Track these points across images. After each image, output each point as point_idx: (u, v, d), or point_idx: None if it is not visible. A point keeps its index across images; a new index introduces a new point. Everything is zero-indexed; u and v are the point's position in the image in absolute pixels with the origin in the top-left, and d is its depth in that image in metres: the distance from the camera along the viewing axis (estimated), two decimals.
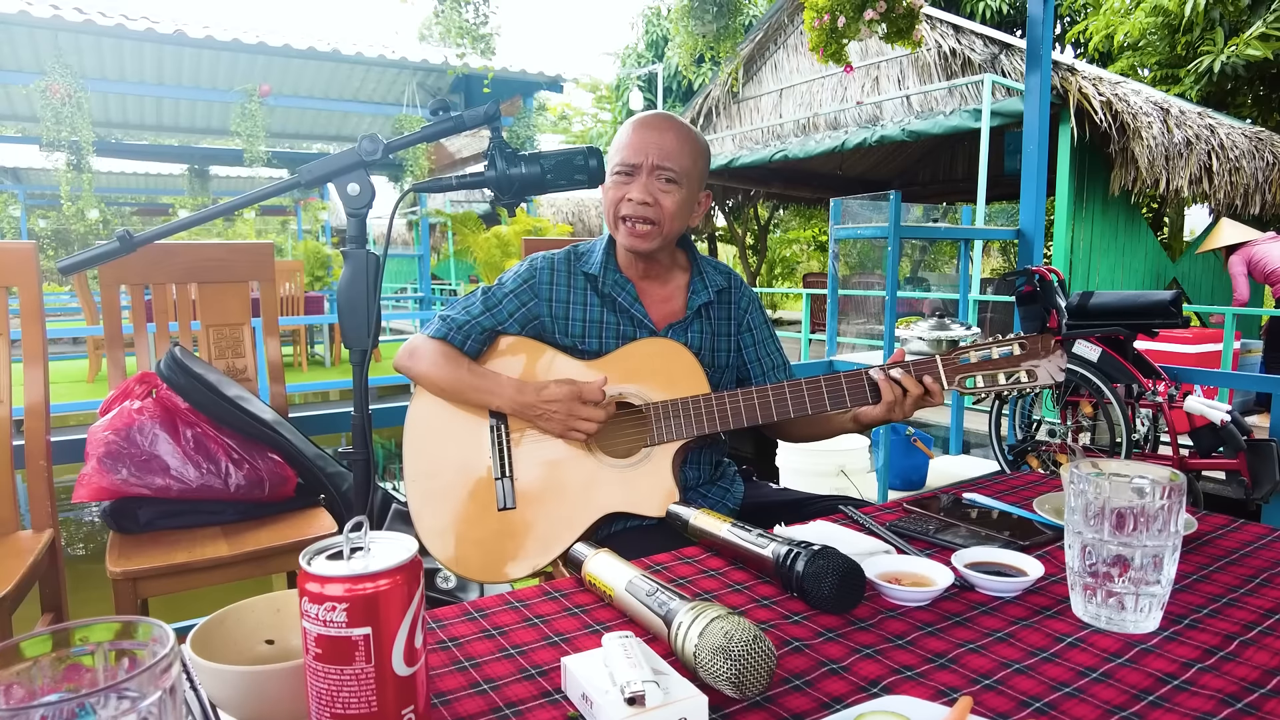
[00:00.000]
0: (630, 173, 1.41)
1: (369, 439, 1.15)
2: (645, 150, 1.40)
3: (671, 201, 1.41)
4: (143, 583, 1.66)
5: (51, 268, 16.64)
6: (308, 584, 0.47)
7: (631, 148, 1.41)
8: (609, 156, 1.45)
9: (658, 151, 1.39)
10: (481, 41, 4.69)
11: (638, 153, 1.40)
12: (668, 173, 1.40)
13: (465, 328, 1.47)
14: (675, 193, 1.41)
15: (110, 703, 0.43)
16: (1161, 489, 0.78)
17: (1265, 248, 5.48)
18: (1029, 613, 0.83)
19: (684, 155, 1.41)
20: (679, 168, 1.40)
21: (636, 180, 1.40)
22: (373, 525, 1.78)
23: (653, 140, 1.40)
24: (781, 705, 0.66)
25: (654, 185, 1.40)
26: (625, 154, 1.41)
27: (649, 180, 1.40)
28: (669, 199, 1.41)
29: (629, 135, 1.42)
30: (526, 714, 0.65)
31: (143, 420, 1.86)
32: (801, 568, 0.83)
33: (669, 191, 1.41)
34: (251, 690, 0.57)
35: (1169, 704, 0.65)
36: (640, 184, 1.40)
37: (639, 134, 1.41)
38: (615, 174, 1.43)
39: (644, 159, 1.40)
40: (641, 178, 1.40)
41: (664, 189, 1.40)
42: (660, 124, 1.43)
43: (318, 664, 0.47)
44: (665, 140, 1.40)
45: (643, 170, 1.40)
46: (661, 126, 1.42)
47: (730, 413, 1.36)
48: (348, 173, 1.17)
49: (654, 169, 1.40)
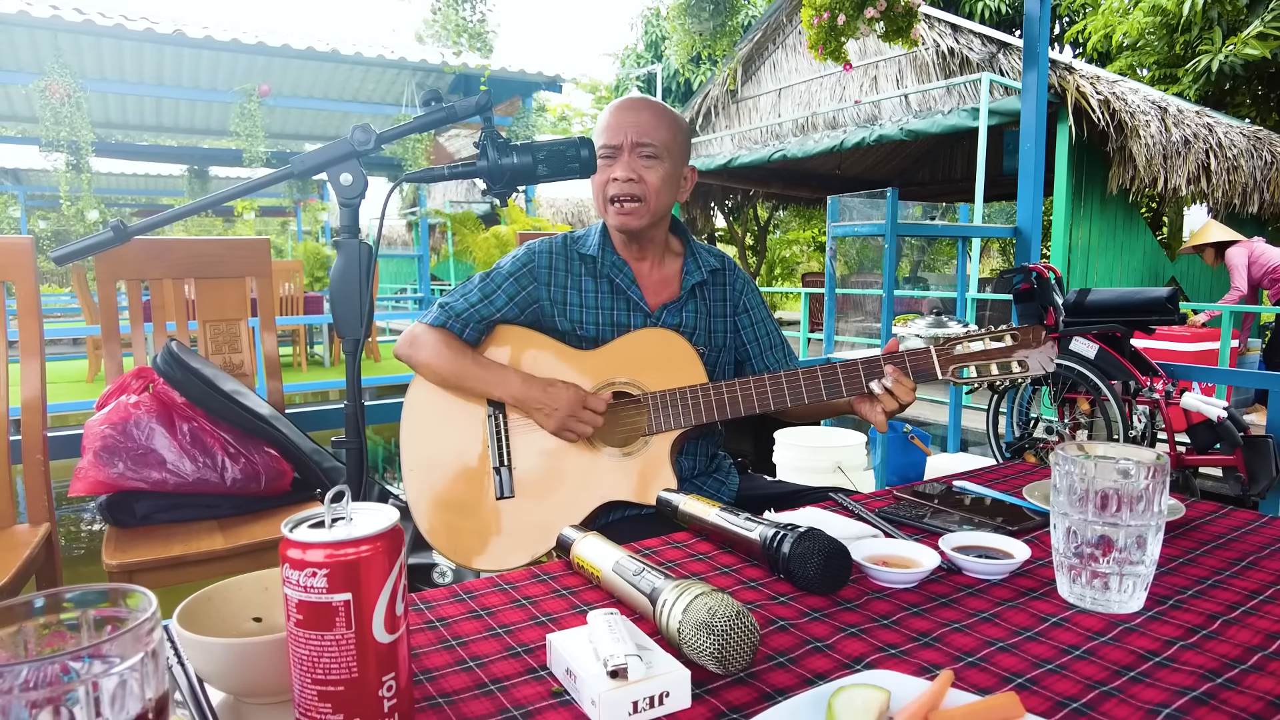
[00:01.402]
0: (612, 155, 1.44)
1: (362, 428, 1.16)
2: (623, 129, 1.43)
3: (655, 176, 1.44)
4: (139, 575, 1.67)
5: (50, 268, 16.62)
6: (289, 550, 0.48)
7: (610, 129, 1.44)
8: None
9: (635, 129, 1.43)
10: (479, 40, 4.70)
11: (617, 133, 1.43)
12: (648, 148, 1.43)
13: (464, 315, 1.48)
14: (657, 167, 1.44)
15: (92, 666, 0.44)
16: (1146, 470, 0.79)
17: (1264, 246, 5.51)
18: (1015, 594, 0.84)
19: (661, 129, 1.44)
20: (658, 141, 1.43)
21: (619, 160, 1.44)
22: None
23: (629, 119, 1.43)
24: (764, 681, 0.66)
25: (636, 162, 1.43)
26: (605, 136, 1.45)
27: (630, 158, 1.43)
28: (652, 174, 1.44)
29: (607, 119, 1.46)
30: (511, 689, 0.65)
31: (139, 414, 1.86)
32: (788, 549, 0.83)
33: (651, 167, 1.44)
34: (238, 662, 0.57)
35: (1150, 679, 0.66)
36: (623, 162, 1.43)
37: (616, 115, 1.45)
38: (600, 158, 1.45)
39: (624, 138, 1.43)
40: (624, 157, 1.43)
41: (646, 165, 1.44)
42: (635, 104, 1.46)
43: (299, 630, 0.47)
44: (641, 118, 1.43)
45: (624, 150, 1.43)
46: (636, 106, 1.46)
47: (728, 402, 1.37)
48: (341, 162, 1.17)
49: (634, 146, 1.43)
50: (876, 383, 1.29)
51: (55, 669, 0.44)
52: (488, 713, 0.62)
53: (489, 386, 1.44)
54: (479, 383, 1.45)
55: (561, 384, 1.41)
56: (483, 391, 1.45)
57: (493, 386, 1.44)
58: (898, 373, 1.28)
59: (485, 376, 1.45)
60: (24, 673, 0.43)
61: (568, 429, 1.40)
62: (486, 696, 0.64)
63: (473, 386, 1.46)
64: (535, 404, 1.41)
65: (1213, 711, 0.61)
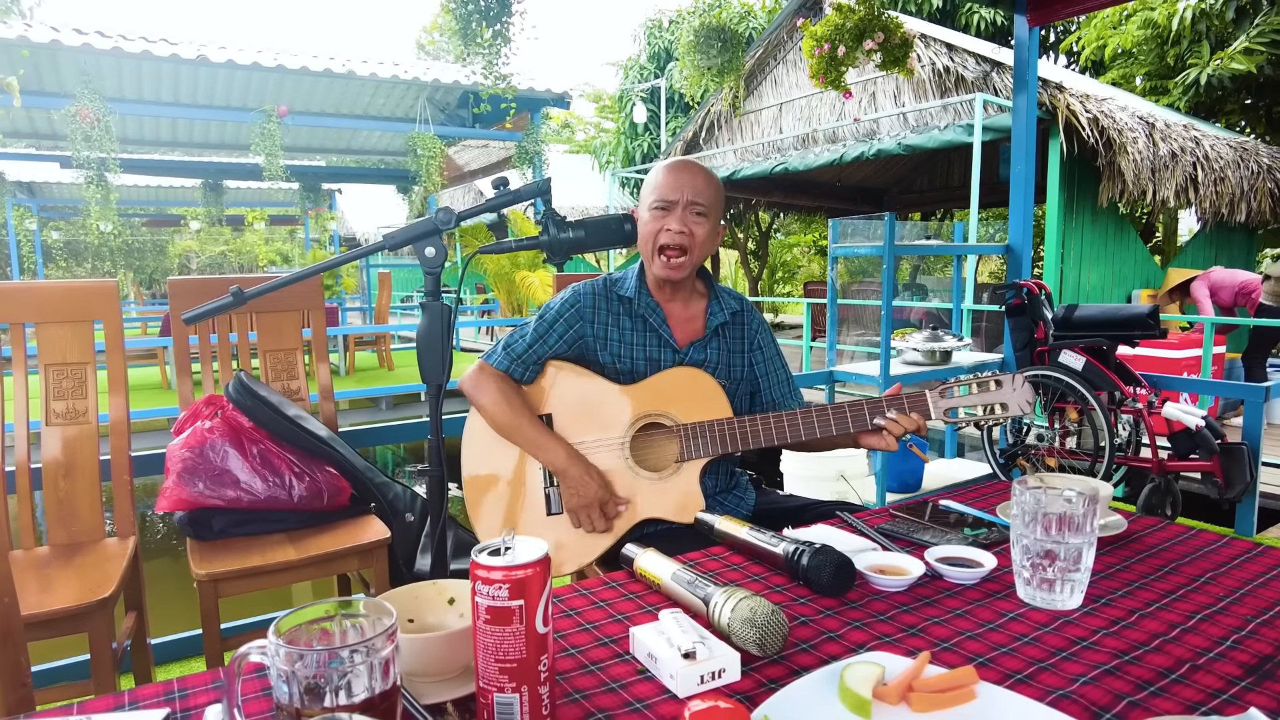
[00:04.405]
0: (667, 207, 1.67)
1: (442, 456, 1.39)
2: (680, 188, 1.66)
3: (702, 231, 1.68)
4: (223, 583, 1.84)
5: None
6: (478, 570, 0.70)
7: (668, 186, 1.67)
8: (642, 197, 1.73)
9: (690, 189, 1.66)
10: (498, 65, 4.93)
11: (674, 190, 1.66)
12: (699, 206, 1.67)
13: (523, 357, 1.72)
14: (704, 224, 1.68)
15: (354, 656, 0.66)
16: (1084, 499, 1.02)
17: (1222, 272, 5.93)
18: (983, 595, 1.07)
19: (710, 191, 1.69)
20: (707, 201, 1.68)
21: (673, 214, 1.67)
22: (417, 529, 2.02)
23: (685, 180, 1.67)
24: (792, 661, 0.90)
25: (688, 218, 1.66)
26: (662, 191, 1.68)
27: (684, 213, 1.66)
28: (700, 229, 1.68)
29: (664, 176, 1.69)
30: (607, 669, 0.89)
31: (214, 439, 2.04)
32: (806, 562, 1.07)
33: (700, 223, 1.68)
34: (424, 651, 0.80)
35: (1076, 659, 0.89)
36: (677, 216, 1.66)
37: (674, 175, 1.68)
38: (653, 209, 1.69)
39: (680, 195, 1.66)
40: (677, 211, 1.66)
41: (696, 221, 1.67)
42: (690, 167, 1.70)
43: (487, 626, 0.70)
44: (696, 180, 1.67)
45: (678, 205, 1.66)
46: (692, 170, 1.69)
47: (750, 434, 1.60)
48: (426, 238, 1.39)
49: (688, 204, 1.66)
50: (881, 418, 1.53)
51: (325, 656, 0.66)
52: (593, 686, 0.85)
53: (537, 450, 1.66)
54: (529, 444, 1.67)
55: (598, 476, 1.62)
56: (530, 452, 1.67)
57: (540, 451, 1.66)
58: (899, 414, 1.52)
59: (537, 440, 1.66)
60: (302, 655, 0.66)
61: (578, 515, 1.62)
62: (589, 674, 0.88)
63: (523, 445, 1.68)
64: (568, 482, 1.62)
65: (1117, 679, 0.84)
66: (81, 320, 2.08)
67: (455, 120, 10.12)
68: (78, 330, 2.08)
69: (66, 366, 2.09)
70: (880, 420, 1.53)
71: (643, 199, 1.73)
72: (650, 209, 1.69)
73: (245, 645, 0.69)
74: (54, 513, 2.06)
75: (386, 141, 11.30)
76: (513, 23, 4.52)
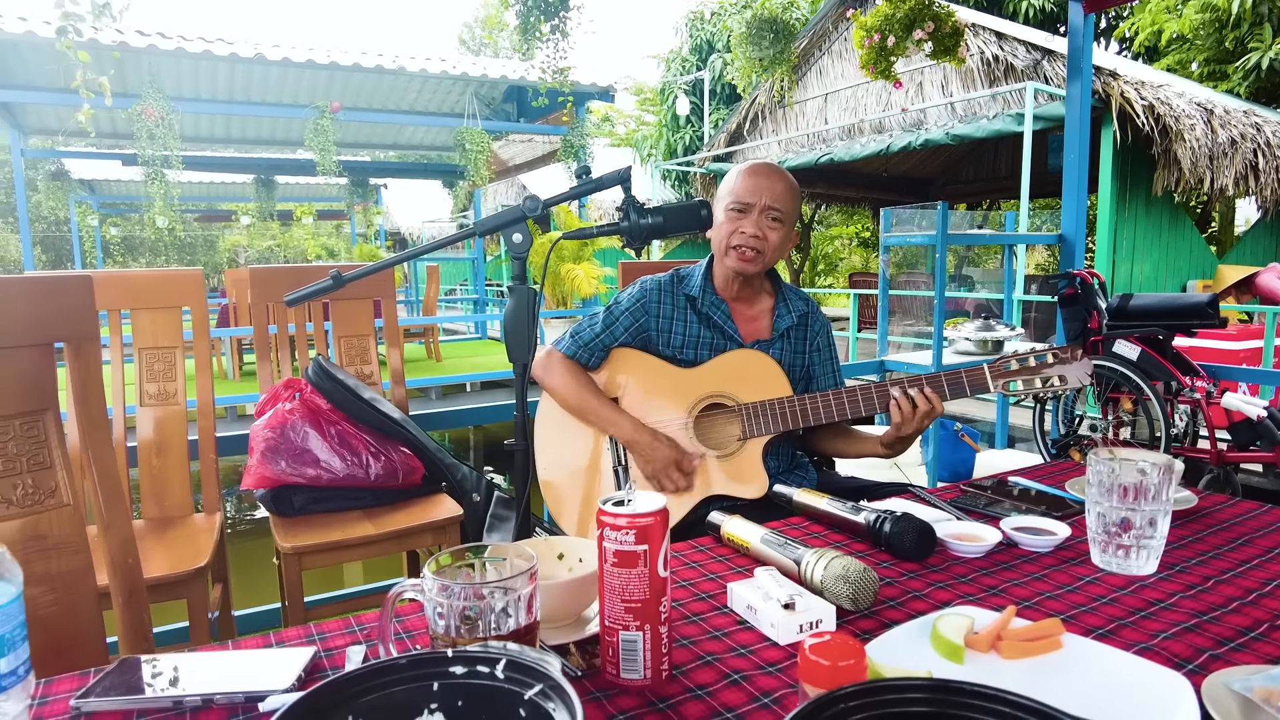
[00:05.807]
0: (744, 210, 1.71)
1: (529, 431, 1.46)
2: (759, 193, 1.69)
3: (777, 237, 1.72)
4: (306, 557, 1.95)
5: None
6: (605, 518, 0.78)
7: (747, 189, 1.70)
8: (719, 196, 1.76)
9: (770, 195, 1.69)
10: (556, 59, 5.02)
11: (753, 194, 1.70)
12: (776, 213, 1.70)
13: (590, 344, 1.80)
14: (780, 230, 1.72)
15: (495, 593, 0.74)
16: (1158, 469, 1.06)
17: None
18: (1058, 561, 1.12)
19: (789, 199, 1.72)
20: (784, 209, 1.71)
21: (749, 216, 1.70)
22: (483, 509, 2.11)
23: (765, 185, 1.70)
24: (883, 616, 0.96)
25: (764, 223, 1.70)
26: (740, 194, 1.71)
27: (760, 218, 1.70)
28: (775, 235, 1.71)
29: (743, 179, 1.72)
30: (708, 619, 0.96)
31: (294, 420, 2.14)
32: (889, 529, 1.12)
33: (775, 228, 1.71)
34: (544, 598, 0.87)
35: (1155, 618, 0.94)
36: (753, 220, 1.70)
37: (753, 179, 1.71)
38: (729, 210, 1.72)
39: (758, 200, 1.69)
40: (754, 215, 1.70)
41: (772, 226, 1.71)
42: (771, 173, 1.73)
43: (614, 569, 0.77)
44: (776, 186, 1.70)
45: (755, 209, 1.70)
46: (773, 175, 1.72)
47: (810, 411, 1.66)
48: (513, 224, 1.45)
49: (766, 209, 1.70)
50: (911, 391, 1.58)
51: (473, 591, 0.74)
52: (698, 634, 0.92)
53: (605, 425, 1.73)
54: (597, 419, 1.74)
55: (666, 441, 1.68)
56: (599, 428, 1.75)
57: (608, 425, 1.73)
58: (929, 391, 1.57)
59: (604, 415, 1.73)
60: (459, 590, 0.74)
61: (658, 480, 1.68)
62: (693, 624, 0.95)
63: (592, 421, 1.76)
64: (640, 450, 1.69)
65: (1198, 636, 0.89)
66: (172, 306, 2.20)
67: (500, 115, 10.25)
68: (169, 316, 2.20)
69: (158, 350, 2.21)
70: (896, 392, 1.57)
71: (719, 199, 1.76)
72: (726, 210, 1.73)
73: (399, 583, 0.77)
74: (148, 488, 2.18)
75: (432, 136, 11.49)
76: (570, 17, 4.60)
